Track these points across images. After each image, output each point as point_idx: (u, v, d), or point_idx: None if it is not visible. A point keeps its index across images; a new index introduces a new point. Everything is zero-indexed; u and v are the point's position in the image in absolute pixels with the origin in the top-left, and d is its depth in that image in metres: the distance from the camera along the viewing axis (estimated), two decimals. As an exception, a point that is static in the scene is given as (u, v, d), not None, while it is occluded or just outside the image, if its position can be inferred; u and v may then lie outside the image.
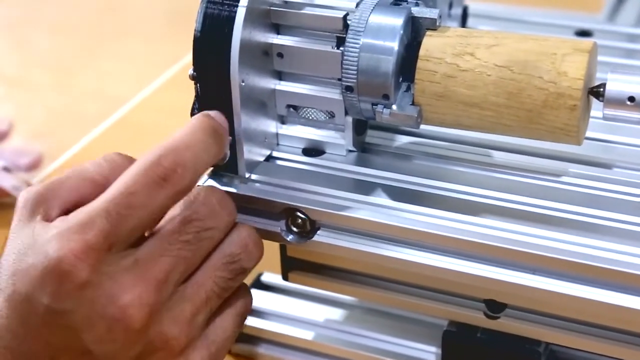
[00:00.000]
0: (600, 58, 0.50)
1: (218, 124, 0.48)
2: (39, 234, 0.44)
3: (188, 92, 0.51)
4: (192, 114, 0.50)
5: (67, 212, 0.45)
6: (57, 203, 0.46)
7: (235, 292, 0.49)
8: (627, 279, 0.44)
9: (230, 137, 0.50)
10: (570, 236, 0.46)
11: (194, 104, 0.51)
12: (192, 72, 0.50)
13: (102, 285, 0.43)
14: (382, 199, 0.50)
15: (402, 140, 0.55)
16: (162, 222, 0.46)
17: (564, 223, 0.47)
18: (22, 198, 0.46)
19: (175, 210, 0.46)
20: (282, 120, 0.54)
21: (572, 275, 0.45)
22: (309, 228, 0.50)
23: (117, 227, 0.43)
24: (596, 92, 0.47)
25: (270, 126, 0.53)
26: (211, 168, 0.51)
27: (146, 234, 0.46)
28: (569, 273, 0.45)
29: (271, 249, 0.53)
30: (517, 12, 0.73)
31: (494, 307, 0.51)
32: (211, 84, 0.49)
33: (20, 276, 0.44)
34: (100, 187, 0.46)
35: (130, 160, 0.47)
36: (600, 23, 0.74)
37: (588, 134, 0.50)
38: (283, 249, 0.55)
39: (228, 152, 0.49)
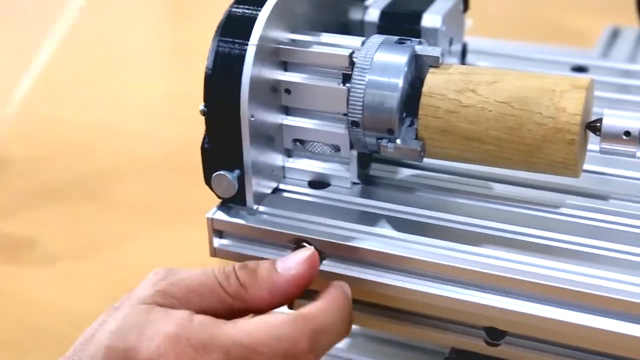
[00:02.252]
0: (595, 93, 0.51)
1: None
2: (154, 320, 0.45)
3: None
4: (203, 148, 0.52)
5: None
6: (184, 306, 0.46)
7: None
8: (624, 307, 0.46)
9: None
10: (569, 265, 0.48)
11: (204, 138, 0.52)
12: (203, 107, 0.51)
13: None
14: (386, 230, 0.51)
15: (406, 172, 0.56)
16: None
17: (562, 253, 0.49)
18: (154, 281, 0.47)
19: None
20: (289, 153, 0.55)
21: (571, 303, 0.47)
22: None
23: None
24: (593, 126, 0.49)
25: (277, 159, 0.55)
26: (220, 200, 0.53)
27: None
28: (567, 301, 0.47)
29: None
30: (515, 48, 0.75)
31: (494, 335, 0.52)
32: (221, 118, 0.51)
33: (114, 355, 0.44)
34: (224, 304, 0.47)
35: (257, 286, 0.47)
36: (595, 59, 0.76)
37: (586, 166, 0.51)
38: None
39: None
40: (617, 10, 0.79)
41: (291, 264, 0.47)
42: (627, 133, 0.48)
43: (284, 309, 0.48)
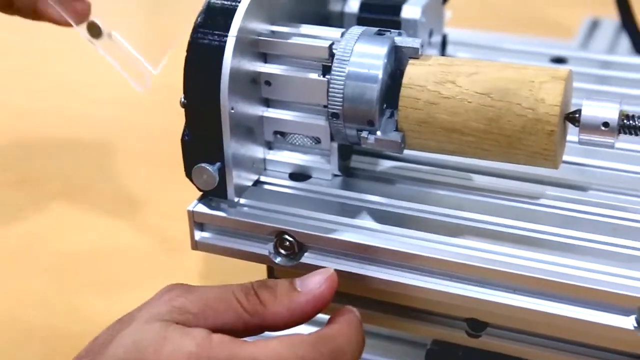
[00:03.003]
0: (574, 84, 0.52)
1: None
2: (172, 338, 0.44)
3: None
4: (183, 140, 0.52)
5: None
6: (201, 322, 0.46)
7: None
8: (602, 297, 0.46)
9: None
10: (548, 256, 0.48)
11: (184, 130, 0.52)
12: (182, 99, 0.51)
13: None
14: (367, 222, 0.51)
15: (386, 164, 0.56)
16: None
17: (541, 243, 0.49)
18: (170, 297, 0.47)
19: None
20: (270, 146, 0.55)
21: (549, 293, 0.47)
22: (296, 250, 0.51)
23: None
24: (572, 117, 0.49)
25: (258, 152, 0.55)
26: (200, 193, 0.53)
27: None
28: (547, 291, 0.47)
29: (259, 270, 0.55)
30: (495, 39, 0.76)
31: (476, 326, 0.52)
32: (201, 111, 0.51)
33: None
34: (241, 321, 0.47)
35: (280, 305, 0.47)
36: (574, 50, 0.76)
37: (565, 157, 0.52)
38: (270, 270, 0.56)
39: None
40: (598, 1, 0.79)
41: (311, 283, 0.48)
42: (606, 124, 0.48)
43: (301, 327, 0.48)
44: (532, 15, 1.11)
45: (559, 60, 0.70)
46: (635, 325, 0.46)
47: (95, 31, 0.52)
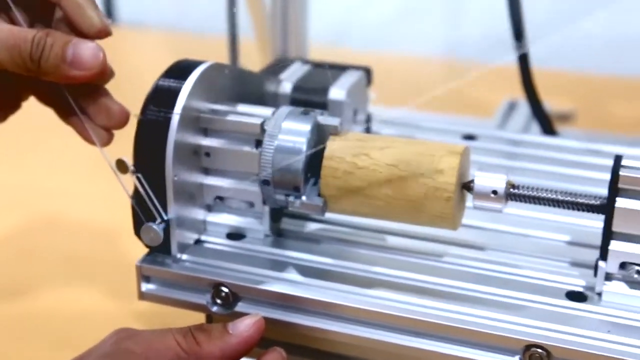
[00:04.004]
0: (485, 159, 0.60)
1: None
2: None
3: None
4: (132, 203, 0.59)
5: None
6: None
7: None
8: (492, 340, 0.54)
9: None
10: (447, 305, 0.56)
11: (133, 194, 0.59)
12: (132, 167, 0.59)
13: None
14: (293, 275, 0.59)
15: (312, 226, 0.64)
16: None
17: (442, 294, 0.57)
18: (117, 339, 0.54)
19: None
20: (209, 209, 0.63)
21: (448, 337, 0.55)
22: (231, 300, 0.59)
23: None
24: (467, 186, 0.57)
25: (199, 214, 0.62)
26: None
27: None
28: (446, 335, 0.55)
29: (199, 315, 0.62)
30: (416, 117, 0.84)
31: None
32: (148, 178, 0.58)
33: None
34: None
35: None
36: (488, 128, 0.85)
37: (465, 221, 0.60)
38: (209, 318, 0.63)
39: None
40: (518, 85, 0.88)
41: (242, 326, 0.55)
42: (495, 192, 0.56)
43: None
44: (457, 97, 1.21)
45: (470, 137, 0.78)
46: (520, 364, 0.54)
47: (123, 168, 0.58)
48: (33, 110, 0.65)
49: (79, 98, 0.59)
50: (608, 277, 0.56)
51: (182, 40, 1.40)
